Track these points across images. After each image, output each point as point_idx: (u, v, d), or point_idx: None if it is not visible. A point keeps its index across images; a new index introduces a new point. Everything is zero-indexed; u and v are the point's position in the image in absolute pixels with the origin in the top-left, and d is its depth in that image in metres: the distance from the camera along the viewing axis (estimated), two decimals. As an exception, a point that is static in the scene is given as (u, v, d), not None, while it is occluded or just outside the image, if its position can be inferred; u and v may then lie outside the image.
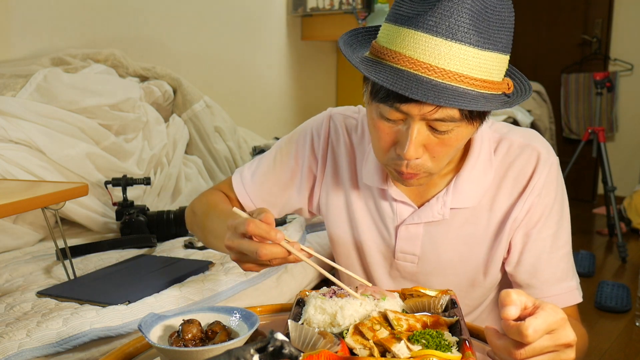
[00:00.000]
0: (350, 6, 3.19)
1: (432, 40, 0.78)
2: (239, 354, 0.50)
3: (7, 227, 1.65)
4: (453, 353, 0.66)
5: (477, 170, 0.98)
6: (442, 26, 0.77)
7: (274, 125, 3.37)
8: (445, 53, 0.78)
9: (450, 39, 0.77)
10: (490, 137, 1.00)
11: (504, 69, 0.85)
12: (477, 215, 0.99)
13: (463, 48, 0.78)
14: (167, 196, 2.10)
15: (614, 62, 4.45)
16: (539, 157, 0.97)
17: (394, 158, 0.88)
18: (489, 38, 0.79)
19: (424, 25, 0.78)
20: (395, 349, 0.67)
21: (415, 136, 0.83)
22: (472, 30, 0.77)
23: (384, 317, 0.73)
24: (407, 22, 0.80)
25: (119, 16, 2.50)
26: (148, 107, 2.18)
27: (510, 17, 0.82)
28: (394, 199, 1.02)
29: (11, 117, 1.72)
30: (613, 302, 2.75)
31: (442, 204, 0.99)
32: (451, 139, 0.85)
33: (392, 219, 1.03)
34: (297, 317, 0.77)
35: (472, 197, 0.98)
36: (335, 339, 0.68)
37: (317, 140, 1.11)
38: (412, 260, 1.04)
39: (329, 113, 1.12)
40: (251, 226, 0.80)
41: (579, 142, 3.80)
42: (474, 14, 0.77)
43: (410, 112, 0.81)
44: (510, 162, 0.98)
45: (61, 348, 0.99)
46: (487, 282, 1.03)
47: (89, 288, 1.25)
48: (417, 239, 1.02)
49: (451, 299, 0.81)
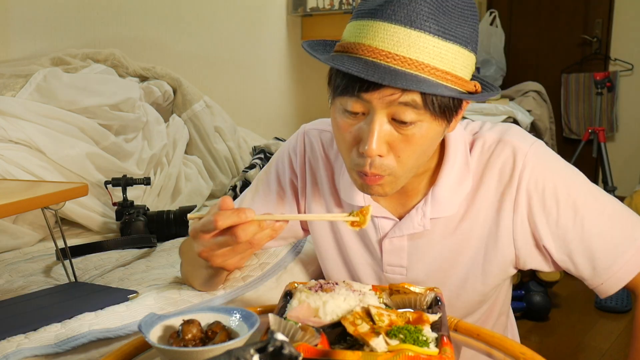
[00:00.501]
0: (350, 6, 3.19)
1: (391, 28, 0.78)
2: (239, 354, 0.50)
3: (7, 227, 1.65)
4: (430, 348, 0.67)
5: (454, 176, 0.94)
6: (400, 14, 0.77)
7: (274, 125, 3.37)
8: (404, 40, 0.77)
9: (408, 26, 0.77)
10: (465, 139, 0.97)
11: (469, 67, 0.83)
12: (462, 222, 0.97)
13: (422, 36, 0.77)
14: (167, 196, 2.10)
15: (614, 62, 4.45)
16: (515, 149, 0.93)
17: (357, 158, 0.85)
18: (450, 29, 0.78)
19: (382, 15, 0.78)
20: (374, 343, 0.67)
21: (377, 130, 0.81)
22: (431, 19, 0.77)
23: (367, 312, 0.74)
24: (367, 15, 0.80)
25: (119, 16, 2.50)
26: (148, 107, 2.18)
27: (472, 14, 0.81)
28: (374, 215, 1.00)
29: (11, 117, 1.72)
30: (613, 302, 2.74)
31: (422, 215, 0.96)
32: (415, 135, 0.82)
33: (375, 233, 1.02)
34: (282, 309, 0.78)
35: (452, 205, 0.95)
36: (316, 332, 0.69)
37: (295, 159, 1.09)
38: (401, 272, 1.02)
39: (303, 130, 1.11)
40: (219, 219, 0.79)
41: (579, 142, 3.79)
42: (432, 4, 0.77)
43: (371, 100, 0.80)
44: (487, 160, 0.95)
45: (60, 349, 0.99)
46: (485, 287, 1.01)
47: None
48: (402, 250, 1.00)
49: (436, 297, 0.81)
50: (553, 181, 0.92)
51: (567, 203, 0.92)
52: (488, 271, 0.99)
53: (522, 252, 0.97)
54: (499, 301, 1.10)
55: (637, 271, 0.93)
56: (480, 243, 0.97)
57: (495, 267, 0.99)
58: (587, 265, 0.94)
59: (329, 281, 0.82)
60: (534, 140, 0.96)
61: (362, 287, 0.81)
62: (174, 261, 1.48)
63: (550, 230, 0.93)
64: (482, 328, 0.86)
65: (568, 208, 0.92)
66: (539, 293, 2.69)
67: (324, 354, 0.66)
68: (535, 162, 0.93)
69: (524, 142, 0.94)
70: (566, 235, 0.93)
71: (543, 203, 0.93)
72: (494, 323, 1.12)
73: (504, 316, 1.15)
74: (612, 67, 4.48)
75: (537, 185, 0.92)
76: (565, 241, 0.93)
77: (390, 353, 0.66)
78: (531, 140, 0.95)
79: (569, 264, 0.95)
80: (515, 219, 0.94)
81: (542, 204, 0.93)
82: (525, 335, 2.52)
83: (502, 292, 1.10)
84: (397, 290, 0.83)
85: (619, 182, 4.06)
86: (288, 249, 1.50)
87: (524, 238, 0.95)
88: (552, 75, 4.68)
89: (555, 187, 0.92)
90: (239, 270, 1.37)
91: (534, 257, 0.97)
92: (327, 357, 0.66)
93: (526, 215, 0.94)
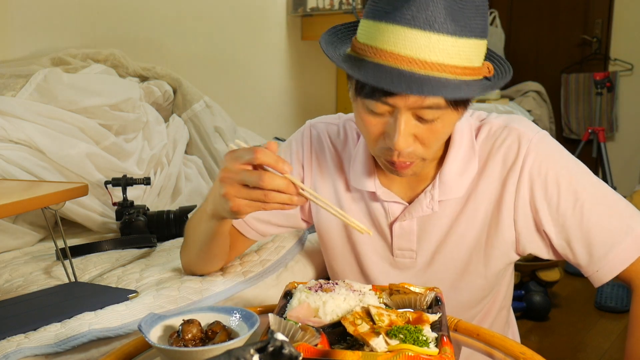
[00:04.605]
0: (350, 6, 3.19)
1: (411, 33, 0.79)
2: (239, 354, 0.50)
3: (7, 227, 1.65)
4: (430, 348, 0.67)
5: (461, 159, 0.98)
6: (419, 18, 0.78)
7: (274, 125, 3.37)
8: (425, 45, 0.79)
9: (428, 29, 0.78)
10: (472, 125, 1.01)
11: (482, 54, 0.86)
12: (467, 203, 1.00)
13: (442, 38, 0.79)
14: (167, 196, 2.10)
15: (614, 62, 4.45)
16: (520, 135, 0.97)
17: (385, 149, 0.89)
18: (466, 25, 0.80)
19: (402, 18, 0.79)
20: (374, 342, 0.68)
21: (403, 127, 0.84)
22: (448, 19, 0.79)
23: (367, 312, 0.74)
24: (385, 17, 0.81)
25: (119, 16, 2.50)
26: (148, 107, 2.18)
27: (483, 3, 0.83)
28: (384, 200, 1.03)
29: (11, 117, 1.71)
30: (613, 302, 2.75)
31: (430, 198, 1.00)
32: (438, 125, 0.86)
33: (385, 217, 1.04)
34: (282, 309, 0.78)
35: (459, 187, 0.99)
36: (316, 332, 0.69)
37: (301, 150, 1.12)
38: (410, 255, 1.05)
39: (309, 124, 1.14)
40: (260, 153, 0.78)
41: (579, 142, 3.80)
42: (448, 3, 0.79)
43: (397, 104, 0.83)
44: (492, 145, 0.99)
45: (60, 349, 0.99)
46: (488, 272, 1.03)
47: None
48: (411, 234, 1.03)
49: (436, 296, 0.82)
50: (555, 168, 0.95)
51: (569, 190, 0.95)
52: (490, 254, 1.02)
53: (523, 236, 0.99)
54: (501, 294, 1.13)
55: (632, 260, 0.95)
56: (483, 225, 1.00)
57: (497, 250, 1.01)
58: (584, 252, 0.96)
59: (328, 281, 0.82)
60: (539, 129, 0.99)
61: (362, 287, 0.81)
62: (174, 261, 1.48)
63: (551, 215, 0.96)
64: (482, 328, 0.86)
65: (569, 195, 0.95)
66: (539, 293, 2.69)
67: (324, 353, 0.66)
68: (539, 149, 0.96)
69: (530, 130, 0.98)
70: (565, 221, 0.95)
71: (545, 188, 0.95)
72: (496, 316, 1.14)
73: (505, 310, 1.18)
74: (611, 67, 4.48)
75: (540, 170, 0.95)
76: (564, 227, 0.95)
77: (390, 353, 0.66)
78: (537, 129, 0.99)
79: (567, 250, 0.97)
80: (517, 202, 0.97)
81: (544, 190, 0.95)
82: (525, 335, 2.52)
83: (504, 284, 1.13)
84: (397, 290, 0.83)
85: (618, 182, 4.06)
86: (289, 247, 1.50)
87: (525, 221, 0.98)
88: (552, 75, 4.68)
89: (557, 174, 0.95)
90: (240, 265, 1.38)
91: (534, 241, 1.00)
92: (327, 357, 0.66)
93: (528, 199, 0.97)
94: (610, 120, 4.46)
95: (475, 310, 1.09)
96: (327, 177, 1.10)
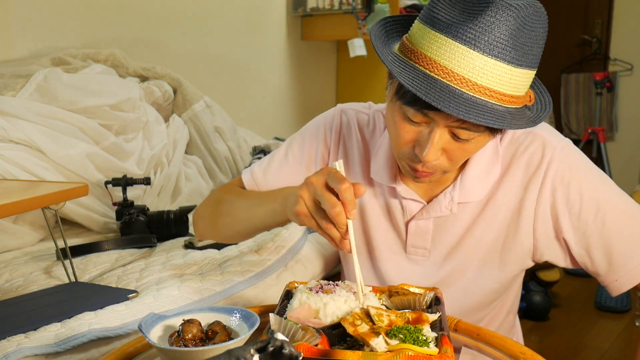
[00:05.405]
0: (350, 6, 3.18)
1: (469, 54, 0.77)
2: (239, 354, 0.50)
3: (7, 227, 1.65)
4: (430, 348, 0.67)
5: (483, 163, 0.98)
6: (481, 41, 0.77)
7: (274, 125, 3.37)
8: (480, 67, 0.78)
9: (487, 54, 0.77)
10: None
11: (530, 83, 0.85)
12: (486, 207, 0.99)
13: (498, 64, 0.78)
14: (167, 196, 2.10)
15: (614, 62, 4.45)
16: (545, 143, 0.96)
17: (411, 155, 0.88)
18: (524, 55, 0.79)
19: (463, 36, 0.77)
20: (374, 343, 0.68)
21: (436, 141, 0.84)
22: (509, 47, 0.77)
23: (366, 313, 0.75)
24: (445, 30, 0.79)
25: (119, 16, 2.50)
26: (148, 107, 2.18)
27: (544, 34, 0.81)
28: (403, 197, 1.02)
29: (11, 117, 1.71)
30: (613, 302, 2.75)
31: (450, 199, 0.99)
32: (470, 145, 0.86)
33: (401, 214, 1.04)
34: (282, 309, 0.77)
35: (480, 190, 0.98)
36: (316, 333, 0.69)
37: (329, 134, 1.11)
38: (424, 254, 1.05)
39: (340, 108, 1.13)
40: (346, 191, 0.77)
41: (579, 142, 3.80)
42: (513, 31, 0.77)
43: (436, 119, 0.82)
44: (515, 150, 0.98)
45: (60, 348, 0.99)
46: (502, 276, 1.03)
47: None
48: (427, 233, 1.03)
49: (436, 296, 0.82)
50: (579, 177, 0.95)
51: (591, 199, 0.95)
52: (506, 259, 1.01)
53: (541, 243, 0.99)
54: (510, 298, 1.13)
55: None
56: (501, 230, 1.00)
57: (514, 255, 1.01)
58: (604, 260, 0.96)
59: (329, 282, 0.82)
60: (563, 137, 0.99)
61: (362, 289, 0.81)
62: (174, 260, 1.48)
63: (572, 222, 0.95)
64: (482, 328, 0.86)
65: (591, 203, 0.95)
66: (539, 293, 2.70)
67: (324, 353, 0.66)
68: (563, 157, 0.96)
69: (554, 137, 0.97)
70: (586, 229, 0.95)
71: (567, 196, 0.95)
72: (503, 320, 1.13)
73: (512, 315, 1.17)
74: (611, 67, 4.48)
75: (563, 178, 0.95)
76: (585, 235, 0.95)
77: (390, 353, 0.66)
78: (561, 137, 0.99)
79: (586, 258, 0.97)
80: (538, 209, 0.97)
81: (566, 197, 0.95)
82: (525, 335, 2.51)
83: (514, 289, 1.13)
84: (396, 292, 0.83)
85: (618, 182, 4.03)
86: (289, 247, 1.50)
87: (544, 229, 0.98)
88: (552, 76, 4.67)
89: (580, 182, 0.95)
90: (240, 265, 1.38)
91: (552, 248, 0.99)
92: (327, 357, 0.66)
93: (549, 206, 0.96)
94: (610, 120, 4.46)
95: (483, 312, 1.08)
96: (349, 165, 1.09)
